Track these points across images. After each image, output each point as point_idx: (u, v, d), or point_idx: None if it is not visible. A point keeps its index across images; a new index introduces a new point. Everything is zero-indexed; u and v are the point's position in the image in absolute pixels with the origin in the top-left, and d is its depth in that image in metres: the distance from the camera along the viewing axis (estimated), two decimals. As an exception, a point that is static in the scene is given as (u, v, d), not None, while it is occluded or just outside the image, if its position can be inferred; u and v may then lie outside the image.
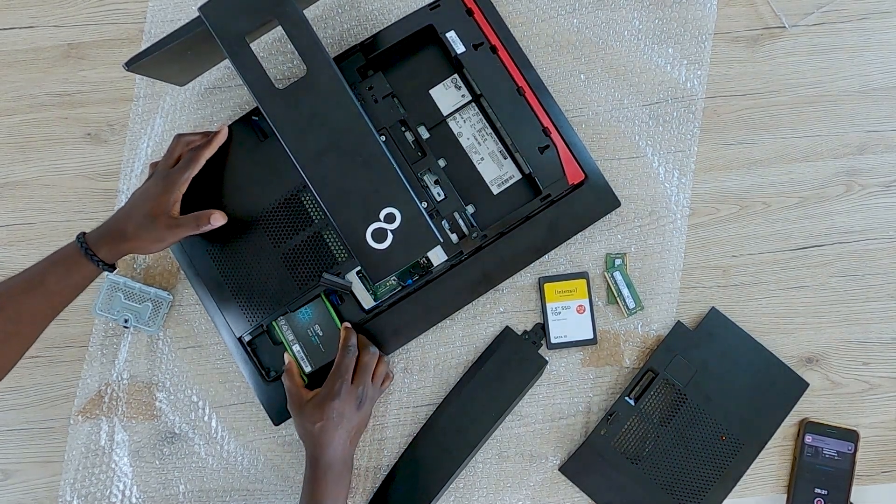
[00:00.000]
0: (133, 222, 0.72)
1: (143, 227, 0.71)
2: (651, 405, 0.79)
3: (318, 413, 0.72)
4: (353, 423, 0.74)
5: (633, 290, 0.82)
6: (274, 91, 0.66)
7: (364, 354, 0.76)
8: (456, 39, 0.80)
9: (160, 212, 0.72)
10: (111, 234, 0.72)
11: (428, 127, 0.82)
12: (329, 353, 0.78)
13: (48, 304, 0.70)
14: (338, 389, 0.73)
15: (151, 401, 0.82)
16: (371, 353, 0.77)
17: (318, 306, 0.78)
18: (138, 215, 0.72)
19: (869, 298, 0.83)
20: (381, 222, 0.67)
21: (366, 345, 0.77)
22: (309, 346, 0.78)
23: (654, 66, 0.85)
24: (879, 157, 0.85)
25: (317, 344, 0.78)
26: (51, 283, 0.70)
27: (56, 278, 0.70)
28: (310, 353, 0.78)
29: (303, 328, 0.78)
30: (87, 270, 0.71)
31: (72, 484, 0.81)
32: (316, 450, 0.72)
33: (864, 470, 0.81)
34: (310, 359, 0.78)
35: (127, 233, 0.71)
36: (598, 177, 0.82)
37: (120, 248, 0.72)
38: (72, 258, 0.71)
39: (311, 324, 0.78)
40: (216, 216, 0.74)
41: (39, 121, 0.85)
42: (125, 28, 0.86)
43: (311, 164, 0.66)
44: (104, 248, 0.71)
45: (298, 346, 0.78)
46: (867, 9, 0.86)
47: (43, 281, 0.70)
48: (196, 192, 0.77)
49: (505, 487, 0.81)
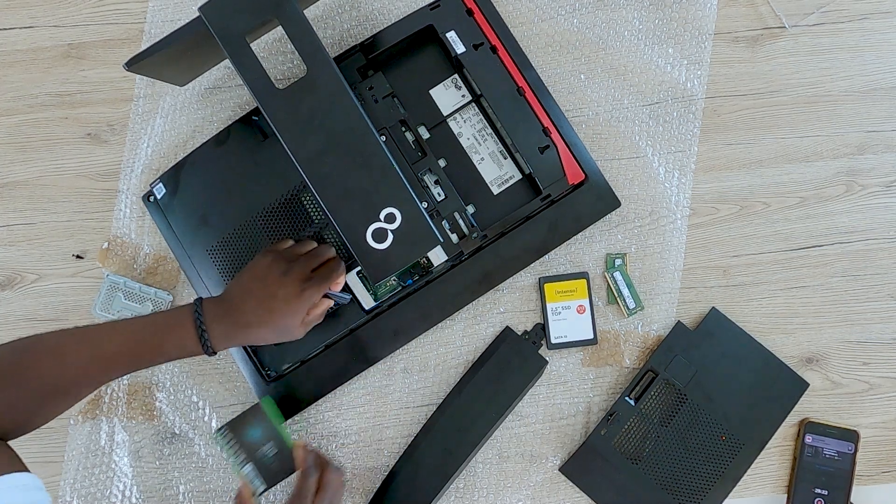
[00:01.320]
0: (264, 329, 0.66)
1: (274, 333, 0.67)
2: (651, 405, 0.79)
3: None
4: None
5: (633, 290, 0.82)
6: (274, 91, 0.66)
7: (328, 475, 0.69)
8: (456, 39, 0.80)
9: (296, 325, 0.68)
10: (233, 320, 0.66)
11: (428, 127, 0.82)
12: (283, 468, 0.72)
13: (134, 369, 0.66)
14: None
15: (151, 401, 0.82)
16: (335, 471, 0.70)
17: (266, 424, 0.73)
18: (272, 325, 0.67)
19: (869, 298, 0.83)
20: (381, 222, 0.67)
21: (328, 464, 0.71)
22: (262, 464, 0.72)
23: (654, 66, 0.85)
24: (879, 157, 0.85)
25: (270, 462, 0.72)
26: (156, 359, 0.65)
27: (167, 357, 0.65)
28: (262, 471, 0.72)
29: (253, 447, 0.72)
30: (192, 350, 0.66)
31: (72, 484, 0.81)
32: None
33: (864, 470, 0.81)
34: (263, 477, 0.72)
35: (251, 333, 0.66)
36: (598, 177, 0.82)
37: (236, 339, 0.67)
38: (185, 338, 0.65)
39: (264, 441, 0.73)
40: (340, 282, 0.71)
41: (39, 121, 0.85)
42: (125, 28, 0.86)
43: (311, 164, 0.66)
44: (219, 330, 0.65)
45: (250, 466, 0.72)
46: (867, 9, 0.86)
47: (153, 360, 0.65)
48: (197, 191, 0.77)
49: (505, 487, 0.81)
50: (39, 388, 0.62)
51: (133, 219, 0.83)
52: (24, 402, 0.62)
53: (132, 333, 0.65)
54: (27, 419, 0.62)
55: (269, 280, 0.67)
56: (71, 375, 0.63)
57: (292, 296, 0.67)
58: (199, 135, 0.84)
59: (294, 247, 0.72)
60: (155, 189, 0.81)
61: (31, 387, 0.62)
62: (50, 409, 0.63)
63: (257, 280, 0.68)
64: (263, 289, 0.67)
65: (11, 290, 0.83)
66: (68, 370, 0.63)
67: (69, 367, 0.63)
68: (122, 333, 0.65)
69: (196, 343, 0.65)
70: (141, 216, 0.83)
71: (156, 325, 0.66)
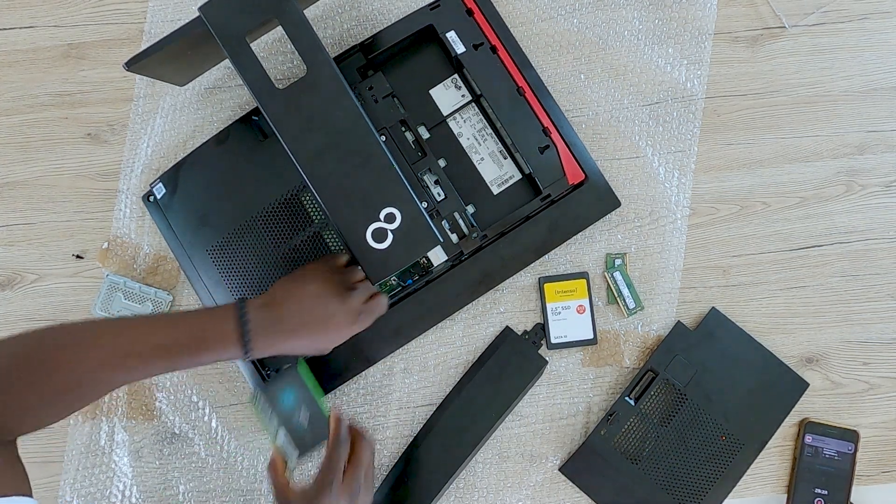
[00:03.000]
0: (306, 347, 0.66)
1: (311, 350, 0.67)
2: (651, 405, 0.79)
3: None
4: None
5: (633, 290, 0.82)
6: (274, 91, 0.66)
7: (359, 446, 0.68)
8: (456, 39, 0.80)
9: (335, 344, 0.69)
10: (278, 330, 0.64)
11: (428, 127, 0.82)
12: (317, 435, 0.70)
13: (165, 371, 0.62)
14: (328, 483, 0.64)
15: (151, 401, 0.82)
16: (366, 442, 0.69)
17: (301, 389, 0.71)
18: (322, 344, 0.67)
19: (869, 298, 0.83)
20: (381, 222, 0.67)
21: (360, 435, 0.69)
22: (294, 430, 0.70)
23: (654, 66, 0.85)
24: (879, 157, 0.85)
25: (303, 428, 0.70)
26: (192, 362, 0.62)
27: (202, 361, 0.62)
28: (295, 438, 0.70)
29: (286, 413, 0.70)
30: (232, 354, 0.63)
31: (72, 484, 0.81)
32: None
33: (864, 470, 0.81)
34: (296, 445, 0.70)
35: (292, 346, 0.65)
36: (598, 177, 0.82)
37: (275, 347, 0.65)
38: (228, 347, 0.62)
39: (297, 407, 0.71)
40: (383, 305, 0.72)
41: (39, 121, 0.85)
42: (125, 28, 0.86)
43: (311, 164, 0.66)
44: (261, 339, 0.63)
45: (283, 431, 0.70)
46: (867, 9, 0.86)
47: (189, 363, 0.62)
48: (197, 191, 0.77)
49: (505, 487, 0.81)
50: (55, 386, 0.57)
51: (133, 219, 0.83)
52: (36, 400, 0.57)
53: (168, 332, 0.61)
54: (37, 418, 0.59)
55: (328, 300, 0.67)
56: (91, 374, 0.59)
57: (347, 323, 0.67)
58: (199, 135, 0.84)
59: (348, 272, 0.72)
60: (155, 189, 0.81)
61: (46, 385, 0.57)
62: (62, 408, 0.59)
63: (315, 296, 0.67)
64: (322, 308, 0.67)
65: (11, 290, 0.83)
66: (89, 367, 0.58)
67: (90, 363, 0.58)
68: (159, 331, 0.61)
69: (237, 347, 0.62)
70: (141, 216, 0.83)
71: (195, 325, 0.62)
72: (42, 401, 0.58)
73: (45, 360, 0.57)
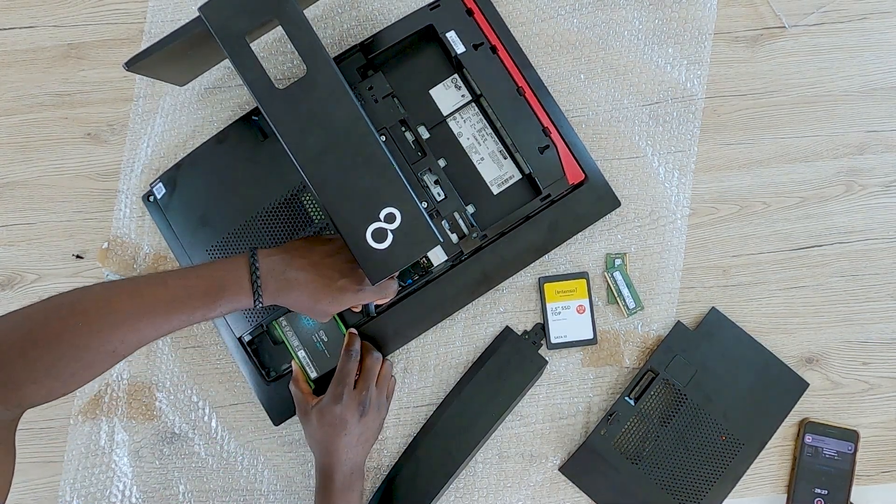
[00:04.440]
0: (309, 299, 0.67)
1: (310, 308, 0.68)
2: (651, 405, 0.79)
3: (320, 419, 0.72)
4: (356, 431, 0.72)
5: (633, 290, 0.82)
6: (274, 91, 0.66)
7: (367, 359, 0.75)
8: (456, 39, 0.80)
9: (334, 312, 0.69)
10: (286, 281, 0.66)
11: (428, 127, 0.82)
12: (335, 358, 0.77)
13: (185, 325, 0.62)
14: (339, 394, 0.72)
15: (151, 401, 0.82)
16: (374, 357, 0.75)
17: None
18: (322, 301, 0.67)
19: (869, 298, 0.83)
20: (381, 222, 0.66)
21: (370, 349, 0.76)
22: (314, 351, 0.78)
23: (654, 66, 0.85)
24: (879, 157, 0.85)
25: (322, 350, 0.78)
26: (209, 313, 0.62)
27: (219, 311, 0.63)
28: (315, 358, 0.78)
29: (307, 334, 0.78)
30: (242, 306, 0.64)
31: (72, 484, 0.81)
32: (323, 457, 0.72)
33: (864, 470, 0.81)
34: (315, 364, 0.77)
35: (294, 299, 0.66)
36: (598, 177, 0.82)
37: (281, 298, 0.66)
38: (241, 297, 0.64)
39: (317, 329, 0.78)
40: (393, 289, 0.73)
41: (39, 121, 0.85)
42: (125, 28, 0.86)
43: (311, 164, 0.66)
44: (272, 285, 0.65)
45: (304, 351, 0.77)
46: (867, 9, 0.86)
47: (206, 314, 0.62)
48: (197, 191, 0.77)
49: (505, 487, 0.81)
50: (86, 348, 0.57)
51: (133, 219, 0.83)
52: (67, 363, 0.57)
53: (182, 286, 0.62)
54: (64, 382, 0.58)
55: (337, 261, 0.69)
56: (120, 332, 0.59)
57: (350, 290, 0.68)
58: (199, 135, 0.84)
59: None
60: (155, 189, 0.81)
61: (77, 347, 0.57)
62: (91, 371, 0.59)
63: (325, 255, 0.69)
64: (330, 267, 0.68)
65: (11, 290, 0.83)
66: (118, 326, 0.59)
67: (119, 322, 0.59)
68: (174, 286, 0.62)
69: (248, 294, 0.64)
70: (141, 216, 0.83)
71: (209, 276, 0.63)
72: (59, 368, 0.57)
73: (63, 328, 0.57)
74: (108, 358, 0.59)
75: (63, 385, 0.58)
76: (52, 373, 0.57)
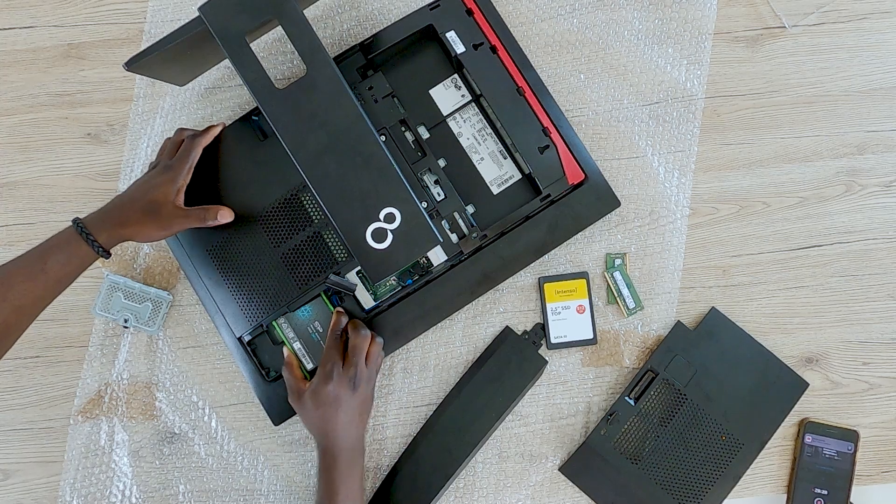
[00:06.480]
0: (137, 208, 0.71)
1: (148, 214, 0.71)
2: (651, 405, 0.80)
3: (315, 400, 0.72)
4: (352, 406, 0.73)
5: (633, 290, 0.82)
6: (274, 91, 0.66)
7: (354, 336, 0.75)
8: (456, 39, 0.80)
9: (165, 199, 0.72)
10: (111, 219, 0.71)
11: (428, 127, 0.82)
12: None
13: (49, 291, 0.70)
14: (329, 372, 0.72)
15: (151, 401, 0.82)
16: (362, 335, 0.75)
17: (318, 304, 0.78)
18: (142, 201, 0.72)
19: (869, 298, 0.83)
20: (381, 222, 0.67)
21: (357, 326, 0.76)
22: (309, 342, 0.78)
23: (654, 66, 0.86)
24: (879, 157, 0.85)
25: (317, 340, 0.78)
26: (52, 271, 0.69)
27: (58, 265, 0.69)
28: (310, 349, 0.78)
29: (303, 326, 0.78)
30: (85, 256, 0.70)
31: (72, 484, 0.81)
32: (322, 438, 0.72)
33: (864, 470, 0.81)
34: (311, 356, 0.78)
35: (129, 219, 0.71)
36: (598, 177, 0.82)
37: (120, 233, 0.71)
38: (70, 244, 0.70)
39: (311, 321, 0.78)
40: (224, 213, 0.74)
41: (39, 121, 0.85)
42: (125, 28, 0.86)
43: (311, 164, 0.66)
44: (103, 234, 0.70)
45: (299, 343, 0.78)
46: (867, 9, 0.86)
47: (44, 268, 0.69)
48: (197, 191, 0.77)
49: (505, 487, 0.81)
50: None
51: (133, 219, 0.83)
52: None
53: (27, 261, 0.70)
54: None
55: (149, 180, 0.74)
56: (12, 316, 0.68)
57: (154, 173, 0.74)
58: (199, 135, 0.84)
59: (167, 148, 0.78)
60: (155, 189, 0.81)
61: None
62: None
63: (137, 185, 0.74)
64: (143, 188, 0.73)
65: (11, 290, 0.83)
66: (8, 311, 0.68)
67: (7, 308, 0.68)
68: (20, 264, 0.70)
69: (89, 250, 0.70)
70: (141, 216, 0.83)
71: (47, 248, 0.70)
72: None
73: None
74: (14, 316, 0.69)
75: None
76: None
